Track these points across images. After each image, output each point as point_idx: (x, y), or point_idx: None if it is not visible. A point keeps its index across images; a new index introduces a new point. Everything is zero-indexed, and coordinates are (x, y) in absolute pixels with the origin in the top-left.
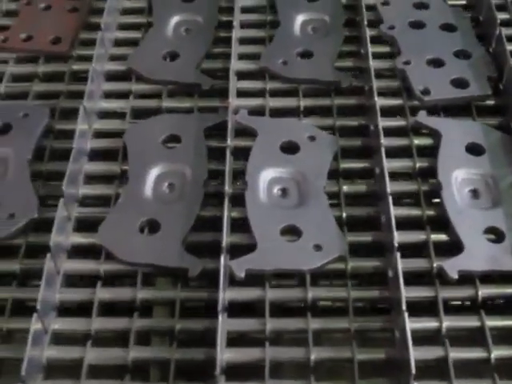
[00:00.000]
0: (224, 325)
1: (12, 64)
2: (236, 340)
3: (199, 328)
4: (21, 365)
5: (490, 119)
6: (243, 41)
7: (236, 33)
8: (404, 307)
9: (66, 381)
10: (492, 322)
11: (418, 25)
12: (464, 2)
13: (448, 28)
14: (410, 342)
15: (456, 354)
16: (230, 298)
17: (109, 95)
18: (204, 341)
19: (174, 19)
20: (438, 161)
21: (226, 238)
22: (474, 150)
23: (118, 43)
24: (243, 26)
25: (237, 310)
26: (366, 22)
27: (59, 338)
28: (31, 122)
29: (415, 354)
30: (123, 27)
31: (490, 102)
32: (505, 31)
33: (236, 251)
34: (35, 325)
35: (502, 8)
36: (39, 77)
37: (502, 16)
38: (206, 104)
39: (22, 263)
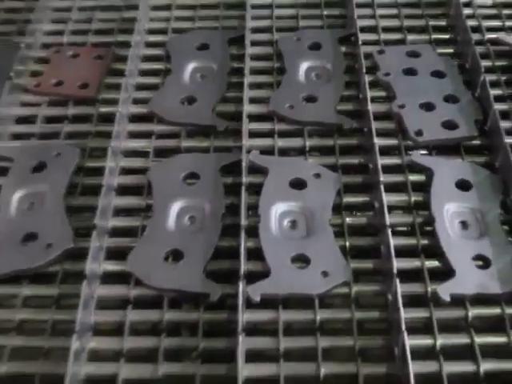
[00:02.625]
0: (243, 344)
1: (44, 107)
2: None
3: (221, 346)
4: None
5: (477, 157)
6: (253, 86)
7: (247, 79)
8: (403, 327)
9: None
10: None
11: (410, 72)
12: (452, 51)
13: (438, 75)
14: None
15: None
16: (248, 319)
17: (133, 135)
18: (226, 357)
19: (191, 66)
20: (430, 195)
21: (243, 266)
22: (463, 186)
23: (140, 87)
24: (253, 72)
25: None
26: (364, 70)
27: (94, 356)
28: (64, 160)
29: None
30: (144, 73)
31: (477, 142)
32: (488, 77)
33: (251, 277)
34: (75, 344)
35: (485, 56)
36: (69, 119)
37: (485, 63)
38: (221, 144)
39: (60, 288)
